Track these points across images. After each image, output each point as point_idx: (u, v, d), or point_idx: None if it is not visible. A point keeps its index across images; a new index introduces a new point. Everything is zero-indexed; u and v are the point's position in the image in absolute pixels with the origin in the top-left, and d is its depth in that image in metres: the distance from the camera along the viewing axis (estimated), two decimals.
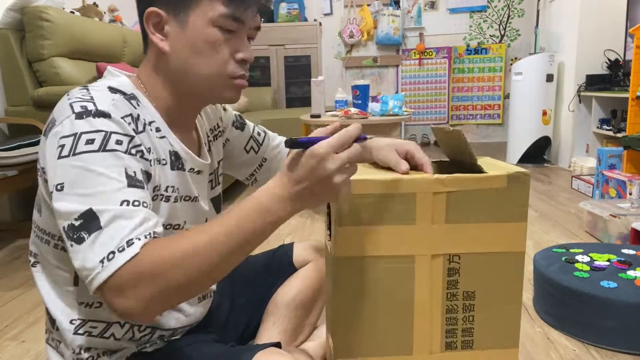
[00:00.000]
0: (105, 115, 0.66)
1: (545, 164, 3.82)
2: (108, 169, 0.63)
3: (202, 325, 0.93)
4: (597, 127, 3.27)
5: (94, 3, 3.25)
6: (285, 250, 1.13)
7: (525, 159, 3.82)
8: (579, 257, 1.44)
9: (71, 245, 0.62)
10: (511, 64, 4.59)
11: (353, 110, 2.49)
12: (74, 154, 0.63)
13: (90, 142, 0.64)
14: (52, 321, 0.80)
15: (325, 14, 5.08)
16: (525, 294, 1.56)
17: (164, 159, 0.76)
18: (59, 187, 0.63)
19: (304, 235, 2.30)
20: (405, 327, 0.80)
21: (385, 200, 0.76)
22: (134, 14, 3.43)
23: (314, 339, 1.17)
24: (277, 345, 0.88)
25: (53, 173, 0.65)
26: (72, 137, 0.64)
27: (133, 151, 0.67)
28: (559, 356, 1.22)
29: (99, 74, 2.71)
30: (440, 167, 0.90)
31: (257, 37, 0.86)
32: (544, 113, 3.74)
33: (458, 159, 0.90)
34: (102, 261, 0.60)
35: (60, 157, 0.64)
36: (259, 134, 1.07)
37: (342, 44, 5.14)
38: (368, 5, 4.97)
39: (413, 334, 0.80)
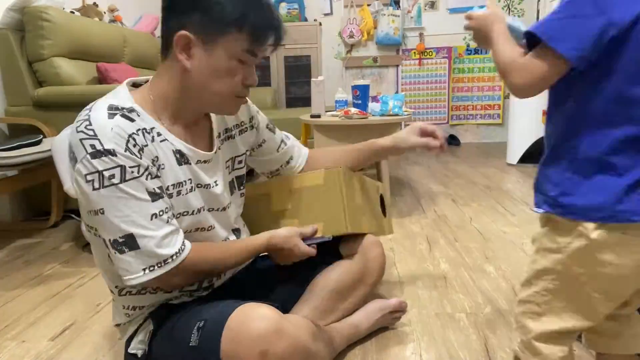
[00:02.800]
0: (112, 153, 0.83)
1: None
2: (135, 192, 0.84)
3: (236, 289, 1.10)
4: None
5: (94, 3, 3.25)
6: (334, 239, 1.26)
7: (525, 159, 3.82)
8: None
9: (114, 253, 0.86)
10: None
11: (353, 110, 2.49)
12: (104, 187, 0.83)
13: (112, 176, 0.83)
14: (109, 286, 1.03)
15: (325, 14, 5.08)
16: None
17: (163, 164, 0.92)
18: (101, 211, 0.84)
19: None
20: None
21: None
22: (134, 14, 3.44)
23: (344, 321, 1.25)
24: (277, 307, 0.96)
25: (91, 200, 0.84)
26: (97, 174, 0.83)
27: (145, 174, 0.86)
28: None
29: (99, 74, 2.71)
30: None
31: None
32: (544, 113, 3.73)
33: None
34: (144, 270, 0.86)
35: (94, 189, 0.83)
36: (286, 136, 1.29)
37: (342, 44, 5.14)
38: (368, 5, 4.97)
39: None
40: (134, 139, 0.86)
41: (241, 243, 1.06)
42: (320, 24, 4.95)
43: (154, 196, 0.86)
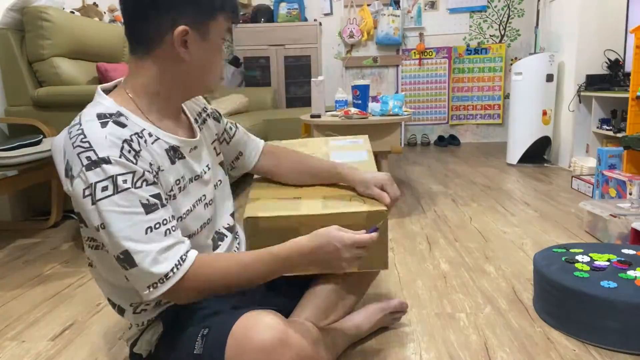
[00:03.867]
0: (107, 161, 0.81)
1: (545, 164, 3.82)
2: (127, 206, 0.82)
3: (239, 293, 1.06)
4: (597, 127, 3.27)
5: (94, 3, 3.25)
6: None
7: (525, 159, 3.82)
8: (579, 257, 1.44)
9: (122, 269, 0.86)
10: (511, 64, 4.59)
11: (353, 110, 2.49)
12: (98, 200, 0.81)
13: (105, 188, 0.81)
14: (113, 305, 1.01)
15: (325, 14, 5.08)
16: (525, 294, 1.57)
17: (161, 165, 0.91)
18: (100, 226, 0.83)
19: None
20: None
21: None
22: None
23: (345, 322, 1.25)
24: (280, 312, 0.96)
25: (90, 216, 0.83)
26: (90, 188, 0.81)
27: (138, 183, 0.83)
28: (559, 356, 1.22)
29: (99, 74, 2.71)
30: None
31: (257, 37, 1.09)
32: (544, 113, 3.74)
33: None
34: (148, 288, 0.84)
35: (92, 204, 0.82)
36: (230, 128, 1.21)
37: (342, 44, 5.14)
38: (368, 5, 4.97)
39: None
40: (129, 145, 0.85)
41: (262, 250, 0.92)
42: (320, 24, 4.94)
43: (149, 207, 0.83)
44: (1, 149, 2.02)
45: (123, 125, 0.86)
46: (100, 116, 0.86)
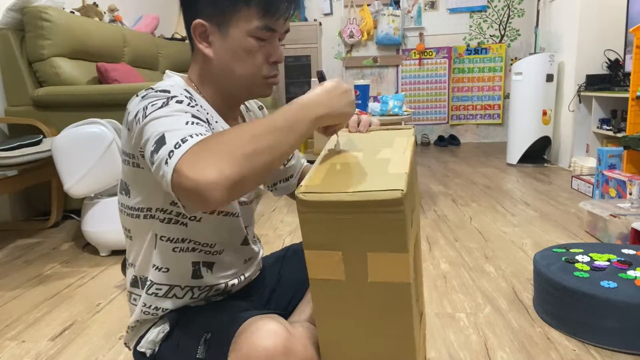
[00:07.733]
0: (165, 91, 0.80)
1: (545, 164, 3.82)
2: (172, 113, 0.76)
3: (245, 294, 1.06)
4: (597, 127, 3.27)
5: (94, 3, 3.24)
6: None
7: (525, 159, 3.82)
8: (579, 257, 1.44)
9: (152, 167, 0.73)
10: (511, 64, 4.59)
11: None
12: (145, 117, 0.76)
13: (154, 104, 0.77)
14: (134, 280, 0.97)
15: (325, 14, 5.08)
16: (525, 294, 1.57)
17: (214, 129, 0.88)
18: (144, 143, 0.75)
19: None
20: None
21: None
22: (134, 14, 3.43)
23: None
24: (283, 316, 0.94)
25: (140, 138, 0.77)
26: (142, 109, 0.78)
27: (192, 107, 0.79)
28: (559, 356, 1.22)
29: (99, 74, 2.71)
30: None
31: None
32: (544, 113, 3.74)
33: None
34: (170, 153, 0.69)
35: (138, 124, 0.77)
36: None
37: (342, 44, 5.14)
38: (368, 5, 4.97)
39: None
40: (191, 96, 0.84)
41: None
42: (320, 24, 4.94)
43: (194, 116, 0.77)
44: (1, 149, 2.02)
45: (189, 94, 0.86)
46: (168, 85, 0.85)
